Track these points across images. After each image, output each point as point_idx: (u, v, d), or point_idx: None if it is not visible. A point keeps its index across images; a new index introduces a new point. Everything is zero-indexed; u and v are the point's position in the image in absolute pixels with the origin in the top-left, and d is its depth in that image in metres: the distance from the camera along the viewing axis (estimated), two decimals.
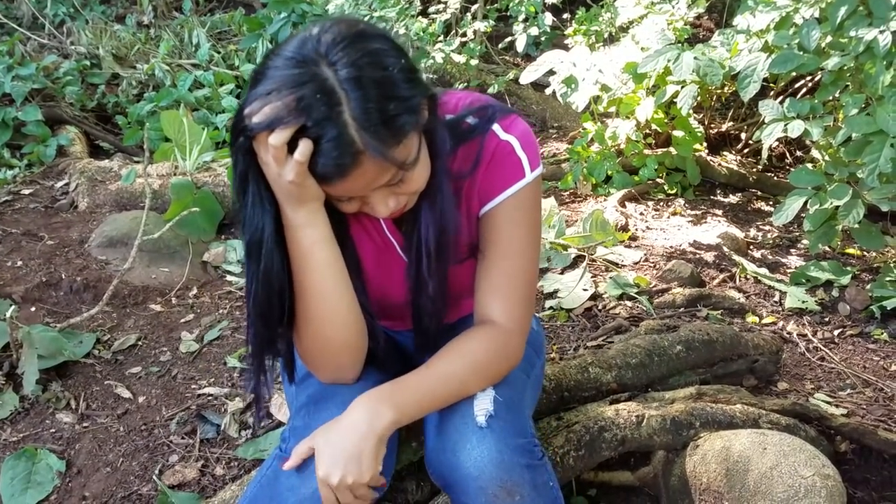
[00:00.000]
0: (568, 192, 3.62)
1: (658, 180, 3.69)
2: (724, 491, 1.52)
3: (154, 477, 1.85)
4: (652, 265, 2.83)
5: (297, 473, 1.18)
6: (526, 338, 1.32)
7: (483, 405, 1.23)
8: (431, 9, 3.87)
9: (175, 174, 3.33)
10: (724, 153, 4.21)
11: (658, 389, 1.98)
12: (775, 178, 3.89)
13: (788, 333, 2.44)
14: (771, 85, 3.89)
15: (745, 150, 4.19)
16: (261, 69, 1.03)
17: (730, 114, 4.33)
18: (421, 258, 1.24)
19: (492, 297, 1.28)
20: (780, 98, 3.63)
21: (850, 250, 2.99)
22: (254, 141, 1.04)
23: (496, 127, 1.25)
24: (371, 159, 1.01)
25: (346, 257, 1.24)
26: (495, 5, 4.50)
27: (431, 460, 1.26)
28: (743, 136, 4.19)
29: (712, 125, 4.34)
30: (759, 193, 3.75)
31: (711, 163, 3.90)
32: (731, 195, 3.72)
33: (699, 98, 3.85)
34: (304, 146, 1.00)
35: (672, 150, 3.60)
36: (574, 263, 2.77)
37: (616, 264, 2.78)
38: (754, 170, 3.94)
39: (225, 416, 2.03)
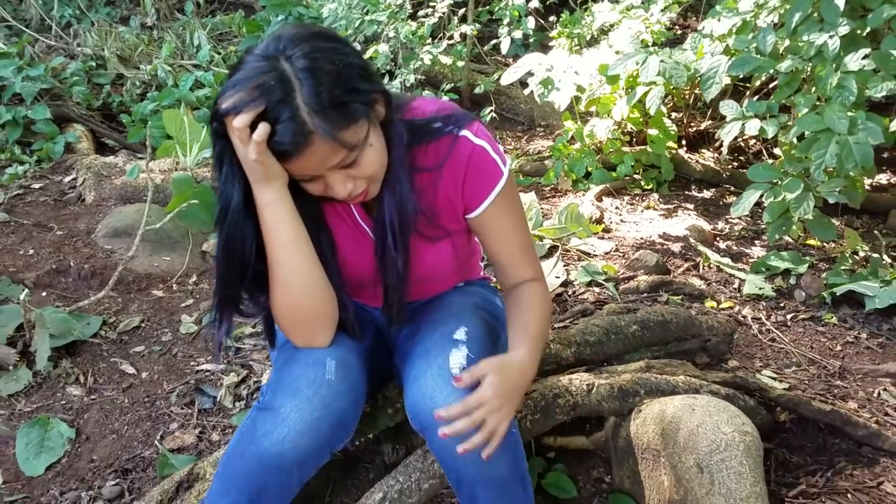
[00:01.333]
0: (549, 188, 3.81)
1: (635, 176, 3.87)
2: (660, 448, 1.71)
3: (156, 442, 2.04)
4: (621, 255, 3.02)
5: (270, 420, 1.37)
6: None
7: (457, 360, 1.42)
8: (420, 13, 4.06)
9: (176, 169, 3.52)
10: (703, 151, 4.40)
11: (614, 365, 2.17)
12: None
13: (743, 317, 2.62)
14: (746, 86, 4.08)
15: (722, 148, 4.38)
16: (236, 65, 1.23)
17: (709, 113, 4.51)
18: (386, 237, 1.44)
19: (518, 265, 1.57)
20: (757, 98, 3.81)
21: (811, 241, 3.18)
22: (226, 124, 1.23)
23: (467, 133, 1.45)
24: (321, 139, 1.20)
25: (322, 240, 1.45)
26: (486, 8, 4.69)
27: (411, 407, 1.43)
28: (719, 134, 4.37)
29: (692, 124, 4.53)
30: (732, 189, 3.93)
31: (688, 160, 4.09)
32: (704, 191, 3.90)
33: (674, 99, 4.05)
34: (262, 129, 1.19)
35: (648, 147, 3.78)
36: (549, 253, 2.96)
37: (588, 254, 2.97)
38: (729, 167, 4.12)
39: (220, 390, 2.22)
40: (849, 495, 1.84)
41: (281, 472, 1.39)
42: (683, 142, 4.34)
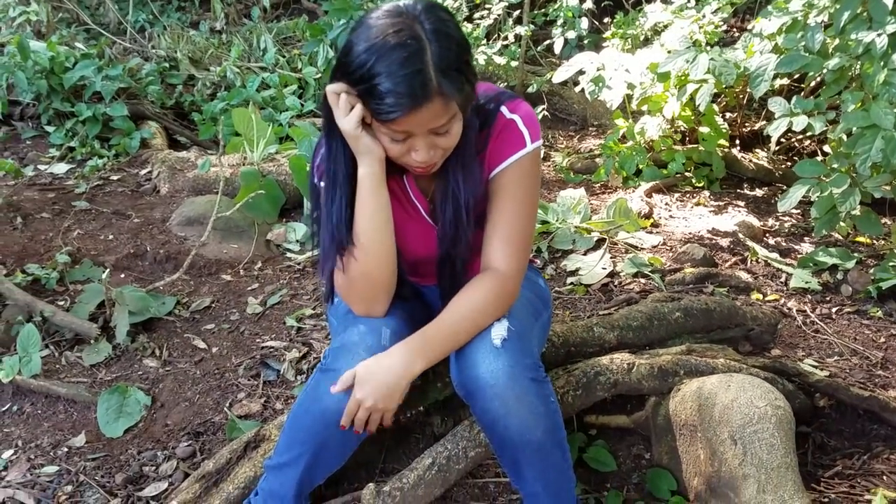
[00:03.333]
0: (599, 185, 3.90)
1: (686, 174, 3.93)
2: (696, 423, 1.80)
3: (225, 409, 2.21)
4: (669, 249, 3.09)
5: (332, 380, 1.51)
6: (522, 277, 1.60)
7: (499, 332, 1.53)
8: (476, 14, 4.19)
9: (244, 164, 3.72)
10: (756, 150, 4.42)
11: (657, 349, 2.25)
12: None
13: (788, 309, 2.67)
14: (801, 86, 4.10)
15: (777, 148, 4.39)
16: (357, 25, 1.35)
17: (763, 113, 4.53)
18: (460, 216, 1.54)
19: (495, 246, 1.56)
20: (812, 96, 3.83)
21: (861, 238, 3.19)
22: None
23: (503, 108, 1.56)
24: (440, 97, 1.31)
25: None
26: (542, 10, 4.80)
27: (456, 376, 1.55)
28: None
29: (746, 124, 4.55)
30: (785, 187, 3.94)
31: (741, 159, 4.12)
32: (757, 189, 3.93)
33: (727, 98, 4.09)
34: (358, 109, 1.36)
35: (700, 146, 3.84)
36: (596, 246, 3.05)
37: (635, 247, 3.05)
38: (782, 166, 4.14)
39: (284, 364, 2.39)
40: (884, 477, 1.90)
41: (339, 429, 1.53)
42: (737, 141, 4.37)
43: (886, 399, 2.07)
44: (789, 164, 4.20)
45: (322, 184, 1.55)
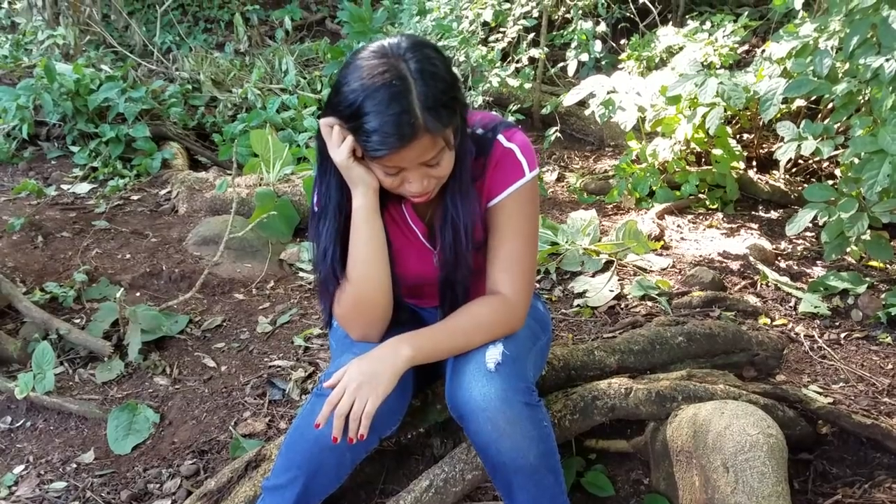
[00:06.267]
0: (612, 206, 3.91)
1: (700, 196, 3.92)
2: (691, 450, 1.80)
3: (230, 427, 2.25)
4: (678, 272, 3.09)
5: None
6: (527, 307, 1.65)
7: (493, 356, 1.56)
8: (492, 37, 4.24)
9: (260, 184, 3.79)
10: (773, 171, 4.40)
11: (658, 374, 2.25)
12: None
13: (796, 334, 2.66)
14: (819, 107, 4.08)
15: (794, 170, 4.37)
16: (346, 66, 1.41)
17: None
18: (459, 241, 1.58)
19: (500, 274, 1.61)
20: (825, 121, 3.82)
21: (874, 263, 3.17)
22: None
23: (500, 137, 1.60)
24: (427, 134, 1.36)
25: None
26: (560, 31, 4.83)
27: (450, 397, 1.58)
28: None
29: (763, 145, 4.53)
30: (800, 210, 3.92)
31: (757, 181, 4.11)
32: (772, 211, 3.91)
33: (741, 120, 4.09)
34: (349, 141, 1.41)
35: (713, 168, 3.83)
36: (605, 268, 3.06)
37: (644, 269, 3.06)
38: (799, 188, 4.12)
39: (289, 383, 2.42)
40: None
41: (335, 452, 1.56)
42: (754, 163, 4.36)
43: (889, 427, 2.05)
44: (805, 185, 4.17)
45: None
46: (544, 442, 1.57)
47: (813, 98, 3.75)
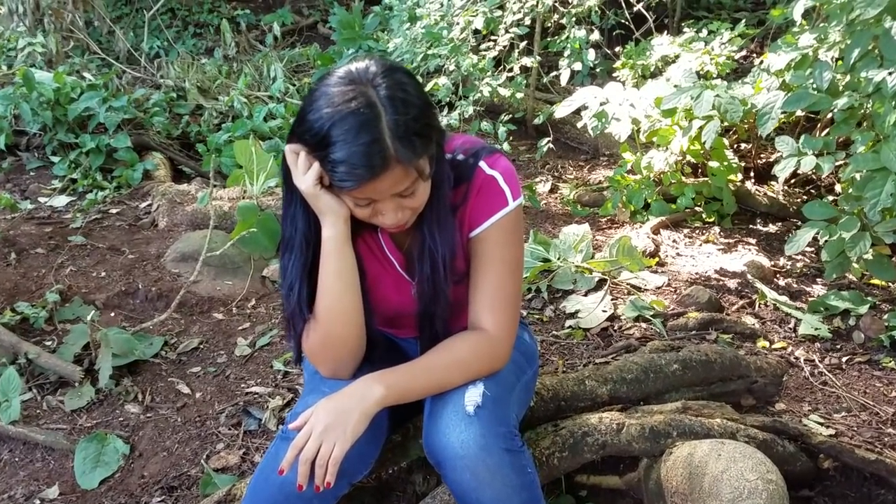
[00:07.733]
0: (606, 219, 3.80)
1: (696, 209, 3.82)
2: (686, 493, 1.69)
3: (202, 461, 2.14)
4: (674, 290, 2.98)
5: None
6: (512, 342, 1.55)
7: (473, 397, 1.45)
8: (483, 46, 4.13)
9: (244, 197, 3.68)
10: (772, 183, 4.30)
11: (651, 405, 2.15)
12: None
13: (796, 358, 2.56)
14: (818, 116, 3.98)
15: (793, 181, 4.27)
16: (312, 92, 1.31)
17: None
18: (437, 272, 1.49)
19: (482, 308, 1.51)
20: (826, 134, 3.72)
21: (876, 281, 3.07)
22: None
23: (482, 164, 1.50)
24: (399, 164, 1.26)
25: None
26: (554, 38, 4.73)
27: (427, 442, 1.48)
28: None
29: (762, 155, 4.43)
30: (799, 224, 3.82)
31: (755, 193, 4.00)
32: (770, 224, 3.81)
33: (738, 132, 3.99)
34: (315, 168, 1.31)
35: (710, 180, 3.73)
36: (598, 286, 2.96)
37: (638, 288, 2.95)
38: (797, 200, 4.02)
39: (266, 412, 2.31)
40: None
41: (301, 499, 1.45)
42: (751, 174, 4.26)
43: (894, 462, 1.95)
44: (805, 197, 4.08)
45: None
46: (528, 490, 1.47)
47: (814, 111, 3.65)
